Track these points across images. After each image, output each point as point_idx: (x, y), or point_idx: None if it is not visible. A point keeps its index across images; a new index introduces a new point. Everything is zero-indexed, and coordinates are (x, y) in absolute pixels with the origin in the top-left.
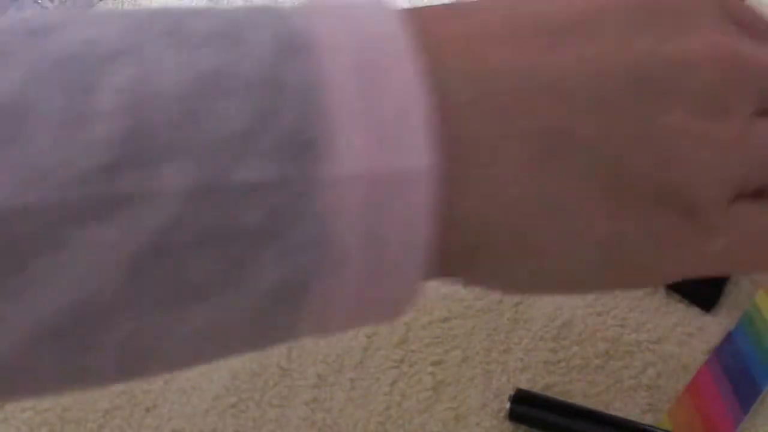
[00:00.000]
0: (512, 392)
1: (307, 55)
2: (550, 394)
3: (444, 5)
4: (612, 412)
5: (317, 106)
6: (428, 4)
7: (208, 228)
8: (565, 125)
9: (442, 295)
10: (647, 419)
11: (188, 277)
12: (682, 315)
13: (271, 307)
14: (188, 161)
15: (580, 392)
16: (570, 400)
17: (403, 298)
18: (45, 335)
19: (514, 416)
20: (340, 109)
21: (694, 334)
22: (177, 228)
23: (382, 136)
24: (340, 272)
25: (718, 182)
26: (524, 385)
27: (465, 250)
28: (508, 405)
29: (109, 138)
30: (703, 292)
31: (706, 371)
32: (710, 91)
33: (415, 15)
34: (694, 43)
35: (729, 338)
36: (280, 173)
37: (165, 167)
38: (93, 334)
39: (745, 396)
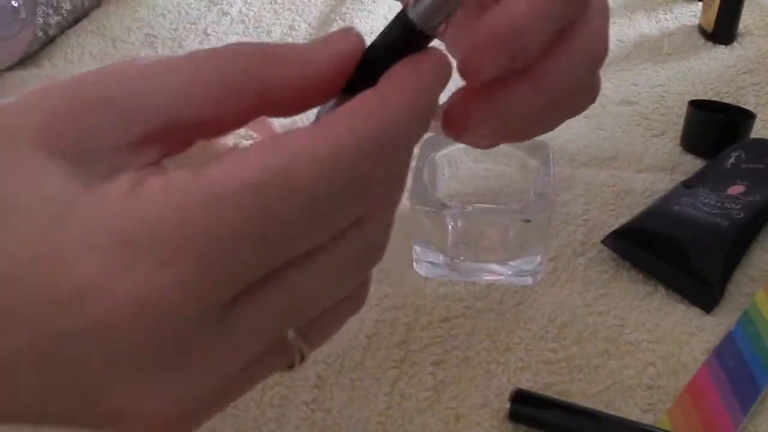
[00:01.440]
0: (512, 392)
1: None
2: (550, 394)
3: None
4: (612, 412)
5: None
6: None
7: None
8: None
9: (442, 295)
10: (647, 419)
11: None
12: (682, 315)
13: None
14: None
15: (580, 392)
16: (570, 400)
17: None
18: None
19: (514, 416)
20: None
21: (694, 334)
22: None
23: None
24: None
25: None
26: (524, 385)
27: None
28: (508, 405)
29: None
30: (703, 292)
31: (706, 371)
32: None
33: None
34: None
35: (729, 338)
36: None
37: None
38: None
39: (745, 396)
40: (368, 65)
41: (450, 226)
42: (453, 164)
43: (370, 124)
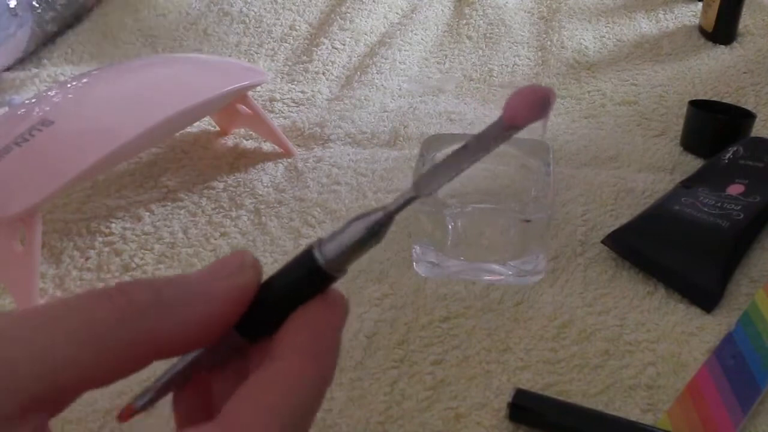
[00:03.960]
0: (512, 392)
1: None
2: (549, 393)
3: None
4: (612, 412)
5: None
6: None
7: None
8: None
9: (442, 295)
10: (647, 419)
11: None
12: (682, 315)
13: None
14: None
15: (579, 392)
16: (570, 400)
17: None
18: None
19: (513, 416)
20: None
21: (694, 334)
22: None
23: None
24: None
25: None
26: (524, 385)
27: None
28: (507, 404)
29: None
30: (703, 292)
31: (706, 371)
32: None
33: None
34: None
35: (729, 338)
36: None
37: None
38: None
39: (745, 396)
40: (267, 303)
41: (450, 226)
42: None
43: (281, 413)
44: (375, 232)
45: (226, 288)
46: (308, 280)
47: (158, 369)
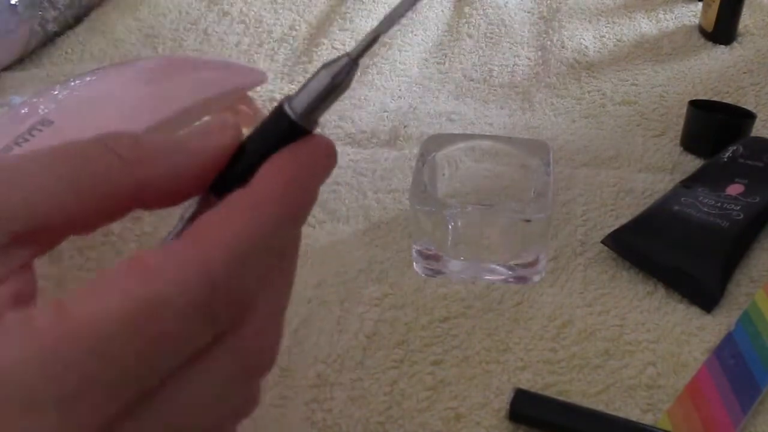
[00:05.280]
0: (512, 392)
1: None
2: (549, 393)
3: None
4: (612, 411)
5: None
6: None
7: None
8: None
9: (442, 295)
10: (647, 419)
11: None
12: (682, 315)
13: None
14: None
15: (579, 392)
16: (570, 400)
17: None
18: None
19: (513, 415)
20: None
21: (694, 334)
22: None
23: None
24: None
25: None
26: (524, 385)
27: None
28: (507, 404)
29: None
30: (703, 292)
31: (706, 371)
32: None
33: None
34: None
35: (729, 338)
36: None
37: None
38: None
39: (745, 396)
40: (242, 159)
41: (450, 226)
42: (453, 164)
43: (243, 237)
44: (341, 80)
45: (206, 145)
46: (280, 134)
47: None
